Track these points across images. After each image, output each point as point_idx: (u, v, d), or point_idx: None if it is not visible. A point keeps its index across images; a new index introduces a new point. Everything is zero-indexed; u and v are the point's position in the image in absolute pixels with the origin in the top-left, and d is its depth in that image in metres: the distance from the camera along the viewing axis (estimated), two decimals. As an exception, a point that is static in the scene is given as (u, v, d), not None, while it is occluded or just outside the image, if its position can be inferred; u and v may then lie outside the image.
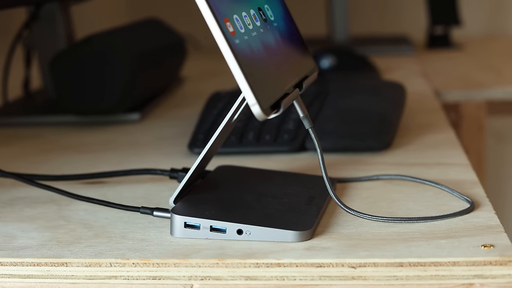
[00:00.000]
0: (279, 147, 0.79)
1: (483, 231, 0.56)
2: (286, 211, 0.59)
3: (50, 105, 1.07)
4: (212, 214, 0.58)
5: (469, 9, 1.68)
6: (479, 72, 1.26)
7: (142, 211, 0.61)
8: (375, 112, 0.83)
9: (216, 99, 0.91)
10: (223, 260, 0.54)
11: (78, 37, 1.16)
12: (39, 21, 1.07)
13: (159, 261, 0.54)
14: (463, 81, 1.20)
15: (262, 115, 0.51)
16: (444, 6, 1.52)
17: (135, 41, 1.01)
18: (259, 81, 0.53)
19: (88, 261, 0.55)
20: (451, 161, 0.75)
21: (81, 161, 0.82)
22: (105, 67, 0.93)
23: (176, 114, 1.03)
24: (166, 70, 1.12)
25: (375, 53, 1.41)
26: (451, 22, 1.52)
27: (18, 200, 0.69)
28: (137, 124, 0.98)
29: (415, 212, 0.61)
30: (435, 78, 1.21)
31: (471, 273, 0.52)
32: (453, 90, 1.13)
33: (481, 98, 1.12)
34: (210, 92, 1.18)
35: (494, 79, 1.20)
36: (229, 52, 0.51)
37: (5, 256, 0.56)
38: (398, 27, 1.73)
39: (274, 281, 0.53)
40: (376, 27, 1.74)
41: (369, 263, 0.52)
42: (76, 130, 0.96)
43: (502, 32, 1.75)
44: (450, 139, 0.83)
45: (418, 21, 1.71)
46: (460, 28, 1.58)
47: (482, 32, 1.74)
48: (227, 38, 0.51)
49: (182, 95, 1.17)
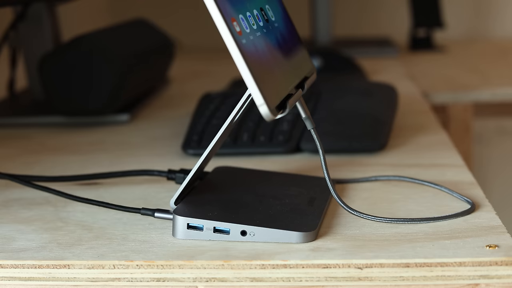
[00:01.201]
0: (274, 148, 0.79)
1: (486, 232, 0.56)
2: (288, 212, 0.59)
3: (36, 106, 1.06)
4: (215, 215, 0.57)
5: (450, 13, 1.69)
6: (465, 74, 1.27)
7: (143, 212, 0.61)
8: (369, 113, 0.83)
9: (208, 100, 0.90)
10: (228, 262, 0.53)
11: (62, 37, 1.15)
12: (25, 21, 1.05)
13: (163, 262, 0.54)
14: (449, 83, 1.21)
15: (270, 115, 0.51)
16: (427, 9, 1.53)
17: (124, 42, 1.00)
18: (266, 81, 0.52)
19: (90, 263, 0.54)
20: (447, 162, 0.75)
21: (73, 162, 0.81)
22: (95, 67, 0.93)
23: (165, 115, 1.03)
24: (155, 71, 1.11)
25: (359, 55, 1.41)
26: (434, 24, 1.53)
27: (12, 202, 0.68)
28: (127, 125, 0.97)
29: (416, 213, 0.61)
30: (421, 80, 1.22)
31: (477, 274, 0.52)
32: (440, 92, 1.14)
33: (468, 100, 1.13)
34: (196, 93, 1.18)
35: (480, 81, 1.20)
36: (237, 52, 0.50)
37: (5, 258, 0.55)
38: (378, 29, 1.74)
39: (280, 283, 0.53)
40: (356, 30, 1.75)
41: (376, 264, 0.52)
42: (64, 131, 0.95)
43: (481, 35, 1.77)
44: (443, 141, 0.83)
45: (399, 23, 1.72)
46: (441, 31, 1.59)
47: (463, 35, 1.75)
48: (235, 38, 0.50)
49: (169, 96, 1.17)
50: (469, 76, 1.25)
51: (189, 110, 1.04)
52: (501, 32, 1.76)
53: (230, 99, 0.90)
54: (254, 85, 0.50)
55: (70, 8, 1.47)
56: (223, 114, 0.85)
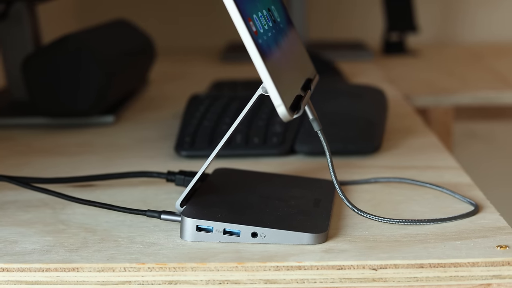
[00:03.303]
0: (268, 150, 0.79)
1: (493, 232, 0.57)
2: (296, 213, 0.59)
3: (15, 106, 1.03)
4: (224, 217, 0.57)
5: (419, 18, 1.71)
6: (444, 78, 1.28)
7: (148, 214, 0.60)
8: (362, 115, 0.83)
9: (197, 102, 0.90)
10: (242, 264, 0.53)
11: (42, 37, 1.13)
12: (6, 20, 1.03)
13: (176, 265, 0.53)
14: (429, 86, 1.22)
15: (288, 115, 0.51)
16: (400, 13, 1.54)
17: (110, 42, 0.98)
18: (281, 82, 0.52)
19: (100, 266, 0.53)
20: (442, 164, 0.75)
21: (64, 164, 0.79)
22: (84, 67, 0.91)
23: (148, 117, 1.02)
24: (138, 72, 1.10)
25: (335, 59, 1.42)
26: (407, 28, 1.55)
27: (8, 204, 0.66)
28: (112, 126, 0.96)
29: (421, 214, 0.61)
30: (400, 83, 1.23)
31: (490, 274, 0.52)
32: (421, 95, 1.15)
33: (448, 103, 1.14)
34: (175, 95, 1.17)
35: (460, 85, 1.22)
36: (256, 52, 0.50)
37: (11, 262, 0.54)
38: (349, 33, 1.75)
39: (293, 284, 0.53)
40: (327, 33, 1.76)
41: (390, 264, 0.52)
42: (49, 133, 0.93)
43: (450, 40, 1.79)
44: (434, 143, 0.84)
45: (371, 27, 1.73)
46: (413, 35, 1.61)
47: (432, 40, 1.77)
48: (253, 38, 0.50)
49: (149, 98, 1.15)
50: (448, 80, 1.27)
51: (172, 112, 1.03)
52: (470, 37, 1.79)
53: (219, 100, 0.89)
54: (273, 86, 0.50)
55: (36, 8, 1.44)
56: (213, 116, 0.85)
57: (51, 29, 1.35)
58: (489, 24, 1.78)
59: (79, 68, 0.91)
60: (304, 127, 0.81)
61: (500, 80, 1.26)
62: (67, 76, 0.91)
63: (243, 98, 0.89)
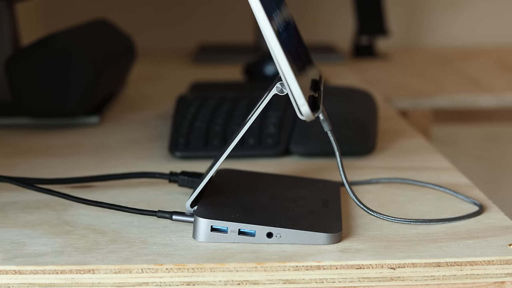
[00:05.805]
0: (264, 151, 0.79)
1: (502, 232, 0.58)
2: (308, 214, 0.59)
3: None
4: (238, 217, 0.56)
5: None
6: (418, 81, 1.30)
7: (159, 215, 0.59)
8: (354, 117, 0.84)
9: (186, 103, 0.89)
10: (262, 264, 0.52)
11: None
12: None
13: (194, 266, 0.52)
14: (405, 89, 1.23)
15: (311, 115, 0.51)
16: (371, 16, 1.56)
17: (94, 42, 0.97)
18: (300, 82, 0.52)
19: (117, 268, 0.52)
20: (436, 165, 0.76)
21: (56, 165, 0.78)
22: (69, 68, 0.89)
23: (131, 118, 1.01)
24: (121, 72, 1.09)
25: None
26: (378, 32, 1.56)
27: (7, 205, 0.65)
28: (97, 127, 0.95)
29: (428, 214, 0.62)
30: (376, 86, 1.24)
31: (504, 272, 0.53)
32: (399, 98, 1.16)
33: (426, 106, 1.16)
34: (155, 96, 1.17)
35: (435, 88, 1.24)
36: (281, 52, 0.50)
37: (23, 264, 0.53)
38: (315, 36, 1.75)
39: (312, 284, 0.53)
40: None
41: (408, 263, 0.53)
42: (34, 133, 0.91)
43: (415, 44, 1.82)
44: (423, 144, 0.85)
45: (339, 30, 1.75)
46: (383, 39, 1.63)
47: (397, 44, 1.79)
48: (278, 38, 0.50)
49: (129, 98, 1.14)
50: (422, 83, 1.28)
51: (156, 113, 1.03)
52: (434, 41, 1.82)
53: (208, 101, 0.89)
54: (297, 86, 0.50)
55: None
56: (205, 117, 0.84)
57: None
58: (451, 29, 1.81)
59: (66, 68, 0.89)
60: (298, 128, 0.81)
61: (472, 83, 1.28)
62: (54, 76, 0.90)
63: (233, 99, 0.89)
